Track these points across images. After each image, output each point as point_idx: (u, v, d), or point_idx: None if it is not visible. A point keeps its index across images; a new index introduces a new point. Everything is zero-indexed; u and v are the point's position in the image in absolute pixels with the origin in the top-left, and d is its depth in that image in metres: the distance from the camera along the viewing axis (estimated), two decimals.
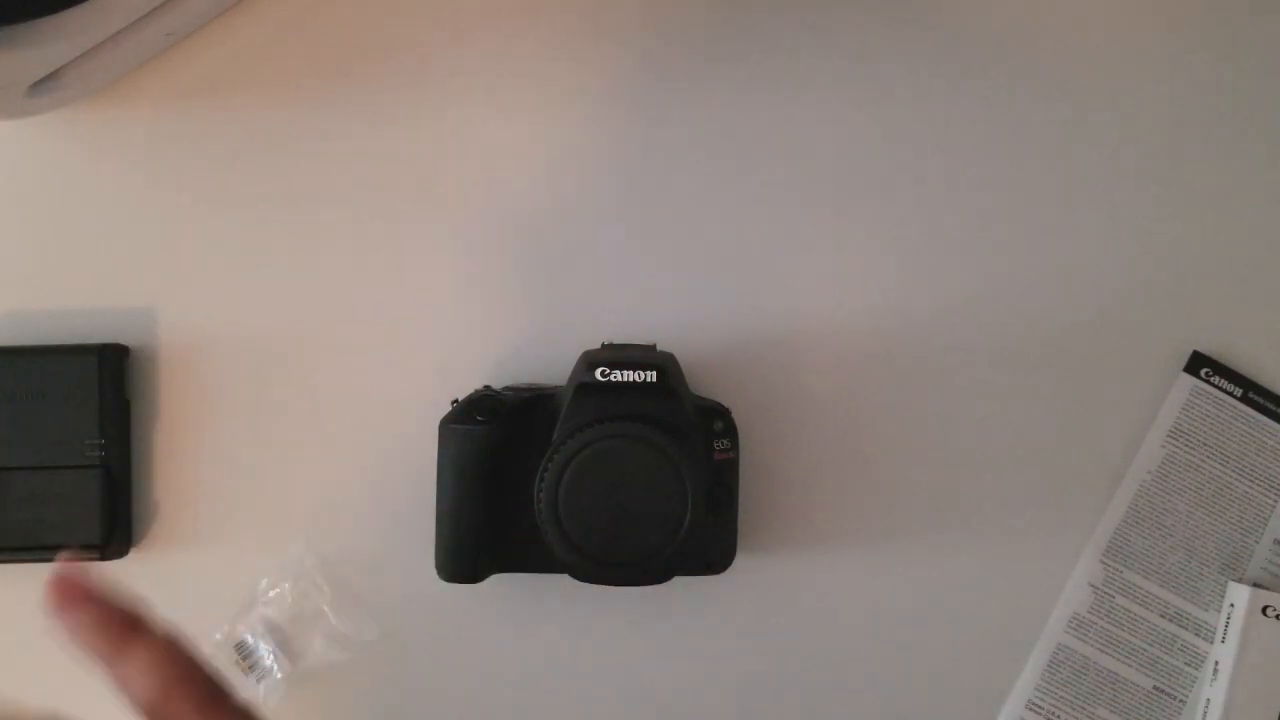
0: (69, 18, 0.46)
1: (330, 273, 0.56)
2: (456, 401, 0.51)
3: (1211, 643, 0.56)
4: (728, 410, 0.51)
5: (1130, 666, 0.56)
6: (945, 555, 0.56)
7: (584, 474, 0.47)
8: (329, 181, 0.56)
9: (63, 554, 0.43)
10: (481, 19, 0.57)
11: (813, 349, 0.56)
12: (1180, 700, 0.56)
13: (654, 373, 0.48)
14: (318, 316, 0.56)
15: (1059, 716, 0.55)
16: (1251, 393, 0.56)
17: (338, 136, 0.56)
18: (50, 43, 0.46)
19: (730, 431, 0.50)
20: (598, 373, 0.48)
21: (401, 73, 0.56)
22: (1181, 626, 0.56)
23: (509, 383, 0.54)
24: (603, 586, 0.48)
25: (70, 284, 0.56)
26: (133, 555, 0.55)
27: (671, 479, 0.47)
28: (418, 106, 0.56)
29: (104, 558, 0.53)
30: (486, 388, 0.52)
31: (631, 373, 0.48)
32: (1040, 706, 0.56)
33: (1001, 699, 0.56)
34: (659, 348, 0.51)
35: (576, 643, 0.56)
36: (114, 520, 0.54)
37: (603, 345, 0.51)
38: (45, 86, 0.51)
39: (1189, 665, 0.56)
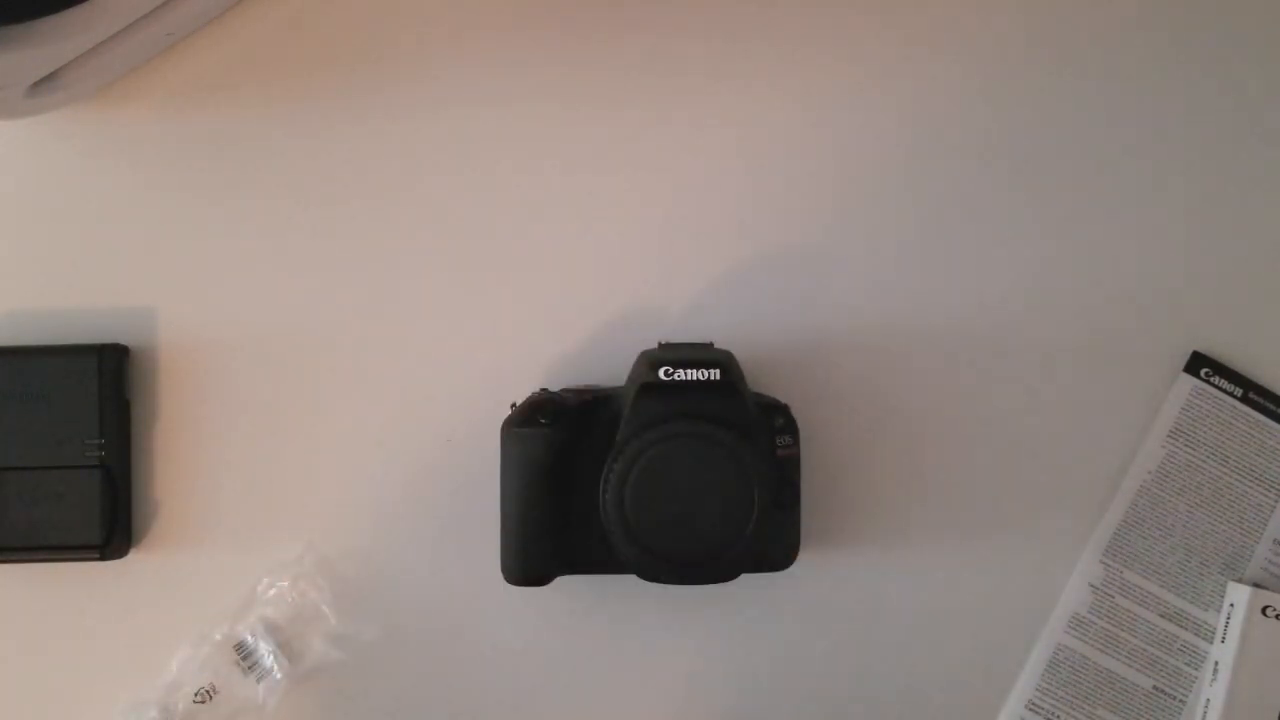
0: (69, 18, 0.46)
1: (330, 272, 0.56)
2: (514, 405, 0.51)
3: (1211, 643, 0.56)
4: (787, 406, 0.51)
5: (1130, 666, 0.56)
6: (944, 555, 0.56)
7: (650, 474, 0.47)
8: (331, 181, 0.56)
9: None
10: (490, 13, 0.57)
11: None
12: (1180, 700, 0.56)
13: (716, 370, 0.48)
14: (316, 316, 0.56)
15: (1059, 716, 0.55)
16: (1251, 393, 0.56)
17: (340, 135, 0.56)
18: (50, 43, 0.46)
19: (791, 427, 0.50)
20: (661, 372, 0.48)
21: (410, 70, 0.56)
22: (1181, 626, 0.56)
23: (544, 385, 0.54)
24: (664, 586, 0.48)
25: (70, 284, 0.56)
26: (133, 555, 0.55)
27: (738, 476, 0.47)
28: (422, 104, 0.56)
29: (104, 557, 0.53)
30: (544, 390, 0.52)
31: (694, 371, 0.48)
32: (1040, 706, 0.56)
33: (1001, 699, 0.56)
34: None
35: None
36: (114, 520, 0.53)
37: (660, 345, 0.50)
38: (45, 86, 0.51)
39: (1189, 665, 0.56)
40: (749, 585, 0.51)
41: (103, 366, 0.53)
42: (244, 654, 0.54)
